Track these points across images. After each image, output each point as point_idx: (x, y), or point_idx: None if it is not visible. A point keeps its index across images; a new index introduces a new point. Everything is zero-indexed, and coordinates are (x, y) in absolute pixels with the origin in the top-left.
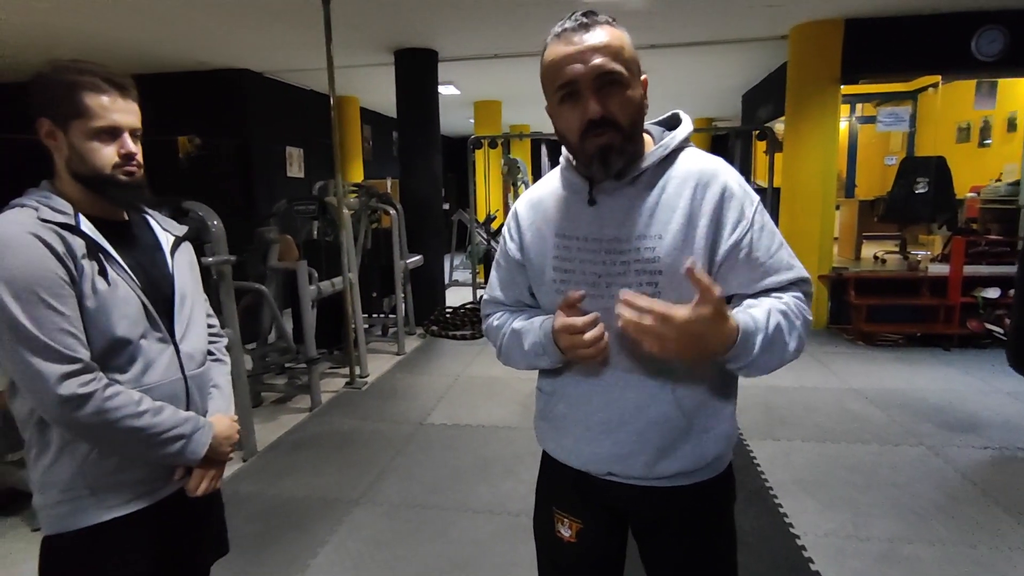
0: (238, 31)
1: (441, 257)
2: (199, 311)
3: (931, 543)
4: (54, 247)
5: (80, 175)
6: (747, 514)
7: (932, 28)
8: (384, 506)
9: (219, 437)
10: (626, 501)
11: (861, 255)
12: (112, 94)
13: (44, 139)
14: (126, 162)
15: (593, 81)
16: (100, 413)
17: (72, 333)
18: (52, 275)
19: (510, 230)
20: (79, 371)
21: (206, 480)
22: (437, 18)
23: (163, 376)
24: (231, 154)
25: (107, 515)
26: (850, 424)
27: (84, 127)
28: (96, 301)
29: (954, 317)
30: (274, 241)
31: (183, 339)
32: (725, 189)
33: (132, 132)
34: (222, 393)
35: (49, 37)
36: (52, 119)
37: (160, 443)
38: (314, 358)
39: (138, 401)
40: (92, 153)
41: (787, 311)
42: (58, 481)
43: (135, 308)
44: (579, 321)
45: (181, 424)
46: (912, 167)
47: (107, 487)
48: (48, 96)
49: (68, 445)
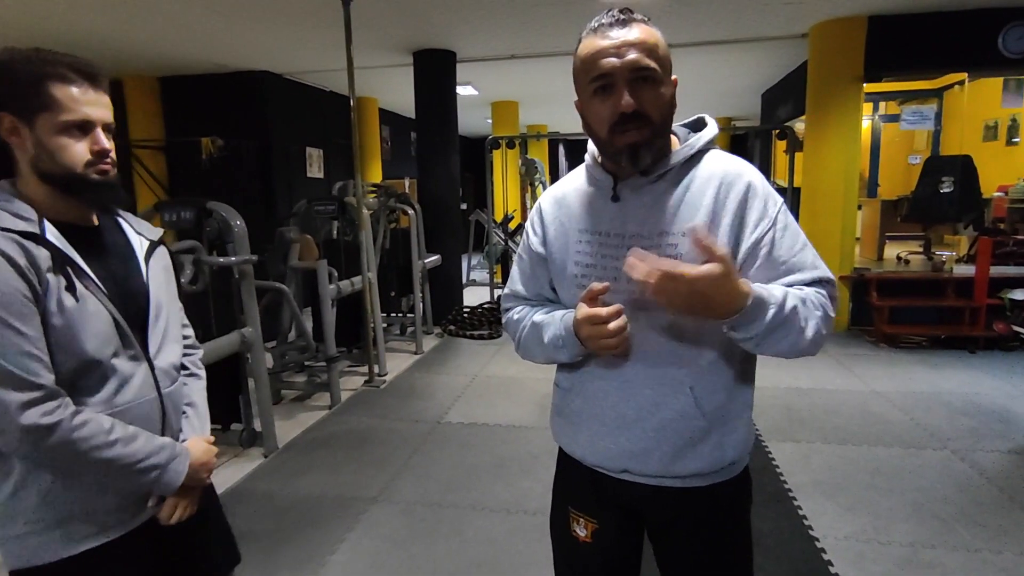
0: (260, 34)
1: (459, 257)
2: (174, 322)
3: (955, 548)
4: (15, 260)
5: (49, 174)
6: (765, 516)
7: (958, 24)
8: (401, 504)
9: (195, 464)
10: (641, 501)
11: (884, 256)
12: (82, 85)
13: (5, 136)
14: (99, 159)
15: (628, 75)
16: (66, 444)
17: (35, 356)
18: (13, 291)
19: (533, 224)
20: (42, 398)
21: (179, 508)
22: (456, 19)
23: (136, 395)
24: (252, 155)
25: (77, 548)
26: (872, 427)
27: (52, 121)
28: (63, 319)
29: (980, 319)
30: (295, 241)
31: (157, 354)
32: (749, 188)
33: (105, 127)
34: (198, 413)
35: (73, 41)
36: (15, 113)
37: (133, 474)
38: (333, 356)
39: (109, 430)
40: (62, 150)
41: (806, 299)
42: (22, 511)
43: (106, 324)
44: (603, 311)
45: (156, 453)
46: (937, 166)
47: (75, 518)
48: (9, 88)
49: (32, 473)
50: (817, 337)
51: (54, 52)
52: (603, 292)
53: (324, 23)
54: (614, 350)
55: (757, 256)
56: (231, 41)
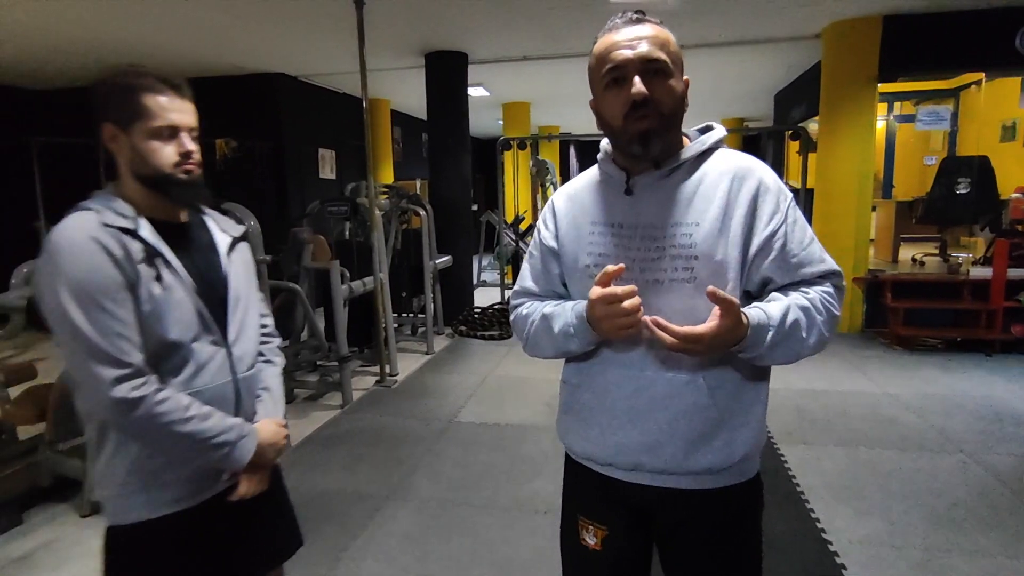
0: (274, 36)
1: (470, 258)
2: (253, 312)
3: (970, 553)
4: (113, 252)
5: (142, 176)
6: (778, 519)
7: (975, 24)
8: (414, 502)
9: (264, 444)
10: (651, 502)
11: (899, 257)
12: (169, 94)
13: (108, 143)
14: (185, 160)
15: (640, 66)
16: (150, 417)
17: (127, 337)
18: (110, 280)
19: (545, 220)
20: (131, 375)
21: (249, 484)
22: (468, 21)
23: (213, 379)
24: (266, 156)
25: (155, 513)
26: (885, 430)
27: (145, 127)
28: (152, 305)
29: (996, 322)
30: (308, 241)
31: (235, 342)
32: (761, 183)
33: (189, 131)
34: (272, 396)
35: (91, 45)
36: (115, 123)
37: (205, 449)
38: (346, 356)
39: (186, 407)
40: (153, 153)
41: (810, 307)
42: (115, 476)
43: (189, 311)
44: (619, 289)
45: (226, 431)
46: (953, 167)
47: (156, 485)
48: (110, 101)
49: (123, 442)
50: (819, 340)
51: (144, 67)
52: (618, 274)
53: (337, 26)
54: (627, 330)
55: (771, 249)
56: (246, 44)
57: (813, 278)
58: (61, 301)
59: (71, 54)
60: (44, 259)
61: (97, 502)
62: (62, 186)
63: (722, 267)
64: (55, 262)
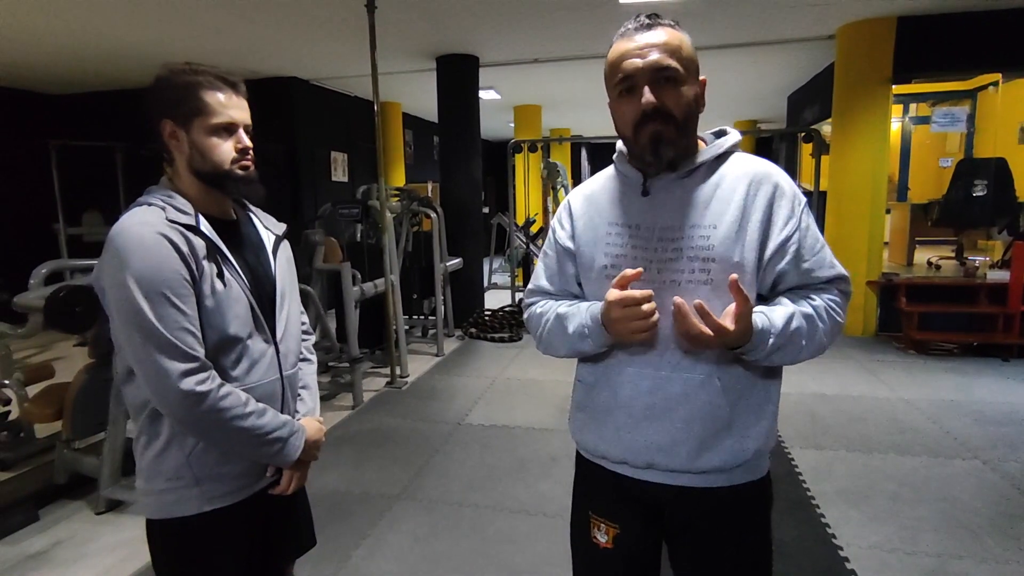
0: (287, 41)
1: (480, 260)
2: (295, 310)
3: (983, 560)
4: (180, 248)
5: (201, 172)
6: (788, 523)
7: (991, 24)
8: (423, 502)
9: (309, 440)
10: (662, 501)
11: (914, 261)
12: (227, 91)
13: (167, 140)
14: (243, 156)
15: (649, 75)
16: (213, 411)
17: (192, 332)
18: (177, 275)
19: (561, 220)
20: (197, 369)
21: (294, 480)
22: (479, 24)
23: (264, 375)
24: (279, 159)
25: (208, 506)
26: (899, 435)
27: (204, 124)
28: (214, 301)
29: (1014, 326)
30: (320, 243)
31: (282, 339)
32: (777, 188)
33: (245, 128)
34: (311, 394)
35: (109, 51)
36: (174, 119)
37: (261, 444)
38: (357, 357)
39: (245, 402)
40: (212, 149)
41: (813, 315)
42: (166, 469)
43: (245, 308)
44: (637, 293)
45: (280, 428)
46: (970, 169)
47: (210, 479)
48: (169, 98)
49: (177, 436)
50: (820, 347)
51: (202, 65)
52: (636, 278)
53: (349, 30)
54: (644, 332)
55: (785, 253)
56: (260, 49)
57: (821, 283)
58: (130, 295)
59: (89, 59)
60: (110, 253)
61: (115, 500)
62: (80, 189)
63: (739, 269)
64: (123, 256)
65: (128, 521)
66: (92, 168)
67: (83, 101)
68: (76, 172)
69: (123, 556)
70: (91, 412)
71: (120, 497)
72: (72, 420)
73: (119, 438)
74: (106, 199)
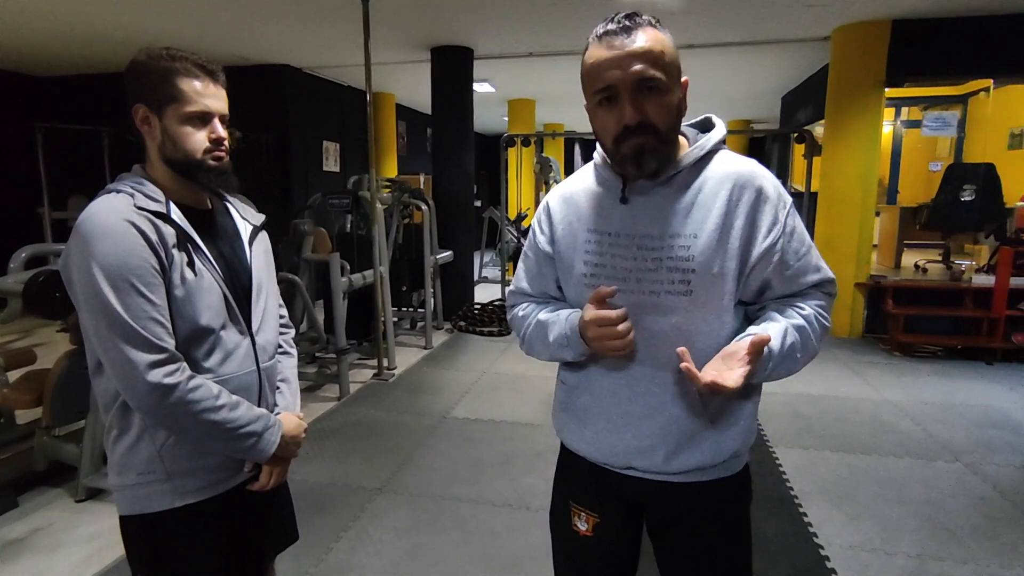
0: (280, 28)
1: (471, 253)
2: (273, 302)
3: (963, 562)
4: (148, 236)
5: (172, 160)
6: (770, 522)
7: (984, 30)
8: (405, 495)
9: (287, 436)
10: (643, 495)
11: (901, 263)
12: (204, 79)
13: (139, 125)
14: (216, 147)
15: (631, 87)
16: (182, 404)
17: (160, 322)
18: (145, 264)
19: (540, 223)
20: (165, 360)
21: (272, 476)
22: (474, 16)
23: (239, 367)
24: (271, 148)
25: (180, 501)
26: (882, 436)
27: (178, 112)
28: (184, 290)
29: (998, 330)
30: (308, 233)
31: (259, 331)
32: (761, 192)
33: (221, 117)
34: (290, 388)
35: (97, 33)
36: (148, 105)
37: (234, 438)
38: (344, 349)
39: (217, 395)
40: (185, 138)
41: (804, 325)
42: (137, 463)
43: (217, 298)
44: (613, 313)
45: (254, 421)
46: (959, 173)
47: (182, 473)
48: (143, 82)
49: (148, 430)
50: (810, 355)
51: (181, 51)
52: (611, 295)
53: (343, 18)
54: (621, 351)
55: (770, 261)
56: (251, 35)
57: (807, 287)
58: (95, 283)
59: (77, 42)
60: (76, 241)
61: (94, 488)
62: (66, 172)
63: (719, 280)
64: (89, 244)
65: (108, 509)
66: (79, 152)
67: (71, 83)
68: (62, 156)
69: (102, 544)
70: (71, 399)
71: (100, 485)
72: (52, 407)
73: (99, 426)
74: (92, 184)
